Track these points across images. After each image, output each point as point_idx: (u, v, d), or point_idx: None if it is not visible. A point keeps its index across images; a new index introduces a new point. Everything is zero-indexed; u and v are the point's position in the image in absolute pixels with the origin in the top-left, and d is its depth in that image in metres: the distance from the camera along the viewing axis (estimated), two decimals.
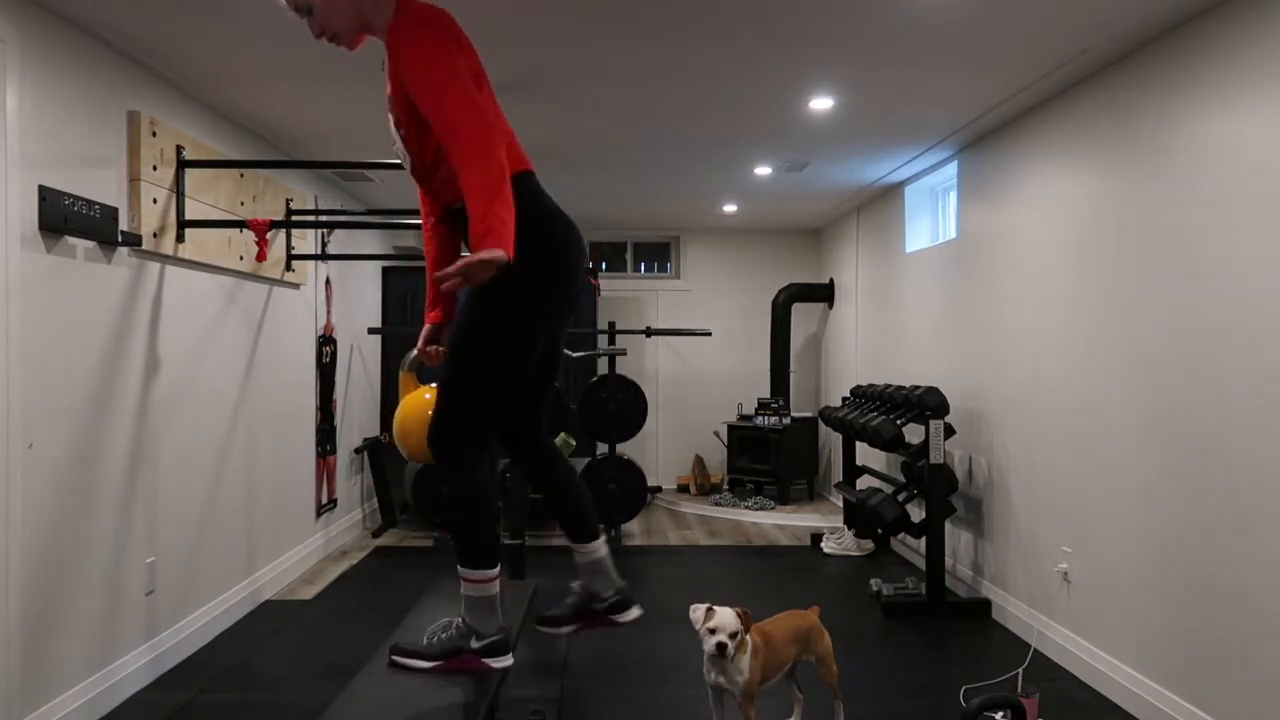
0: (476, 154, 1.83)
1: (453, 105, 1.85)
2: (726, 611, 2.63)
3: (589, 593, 2.31)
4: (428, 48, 1.89)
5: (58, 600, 3.01)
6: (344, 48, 2.06)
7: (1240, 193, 2.80)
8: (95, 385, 3.21)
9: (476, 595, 2.13)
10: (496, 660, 2.17)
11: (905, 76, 3.70)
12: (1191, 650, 3.01)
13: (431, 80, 1.86)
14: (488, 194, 1.82)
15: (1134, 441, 3.32)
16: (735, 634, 2.61)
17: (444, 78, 1.86)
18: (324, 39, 2.03)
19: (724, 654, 2.59)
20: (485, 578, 2.11)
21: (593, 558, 2.28)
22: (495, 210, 1.82)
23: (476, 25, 3.16)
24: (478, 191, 1.82)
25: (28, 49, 2.84)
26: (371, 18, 2.00)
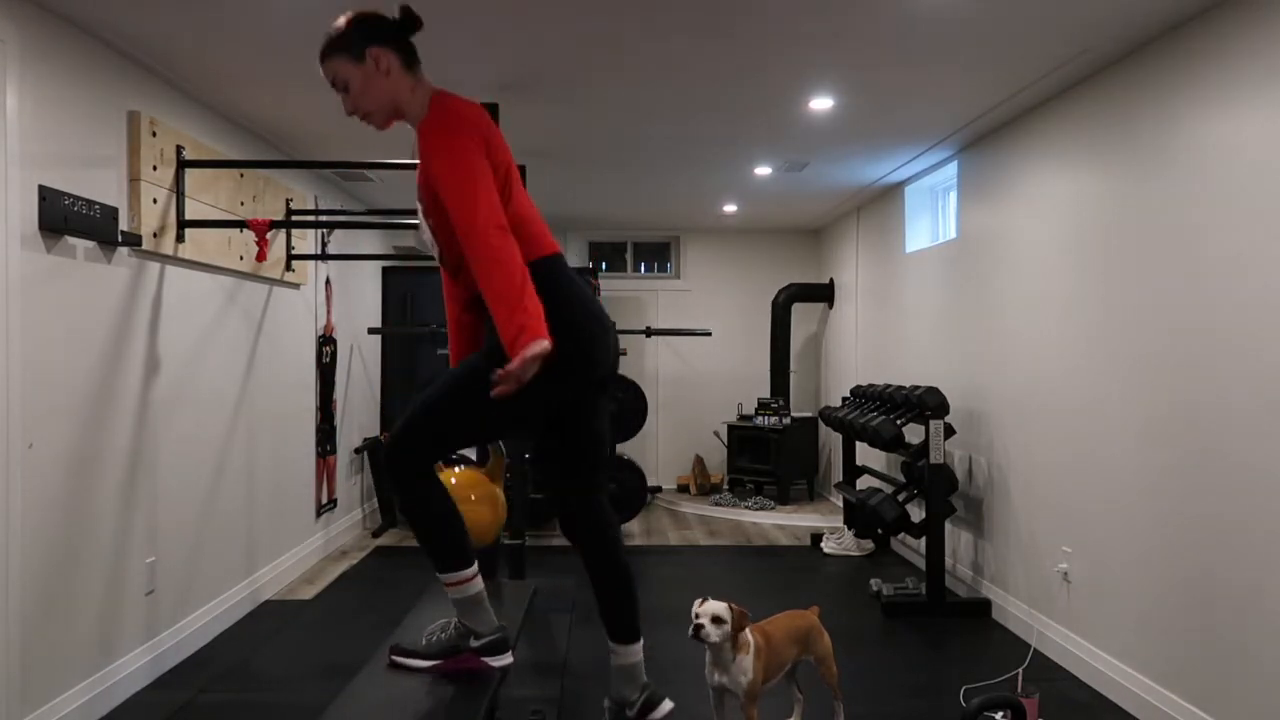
0: (494, 261, 1.86)
1: (472, 213, 1.88)
2: (717, 602, 2.64)
3: (619, 703, 2.30)
4: (454, 152, 1.93)
5: (58, 600, 3.01)
6: (374, 126, 2.11)
7: (1240, 192, 2.80)
8: (95, 385, 3.21)
9: (461, 596, 2.14)
10: (496, 658, 2.17)
11: (905, 76, 3.70)
12: (1191, 650, 3.01)
13: (453, 185, 1.91)
14: (509, 301, 1.85)
15: (1134, 441, 3.32)
16: (718, 619, 2.61)
17: (464, 182, 1.90)
18: (355, 117, 2.09)
19: (699, 636, 2.60)
20: (462, 578, 2.12)
21: (627, 661, 2.28)
22: (523, 311, 1.85)
23: (477, 25, 3.16)
24: (500, 300, 1.86)
25: (28, 49, 2.84)
26: (405, 107, 2.07)
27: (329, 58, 2.04)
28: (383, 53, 2.02)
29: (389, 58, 2.02)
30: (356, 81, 2.03)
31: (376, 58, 2.01)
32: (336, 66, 2.03)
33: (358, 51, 2.01)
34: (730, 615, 2.62)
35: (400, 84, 2.04)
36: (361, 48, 2.01)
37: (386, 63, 2.02)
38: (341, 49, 2.02)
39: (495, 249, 1.86)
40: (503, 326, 1.85)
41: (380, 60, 2.02)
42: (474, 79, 3.74)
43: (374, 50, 2.01)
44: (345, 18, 2.04)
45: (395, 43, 2.04)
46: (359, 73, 2.02)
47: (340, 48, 2.02)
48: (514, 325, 1.84)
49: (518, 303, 1.85)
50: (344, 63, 2.02)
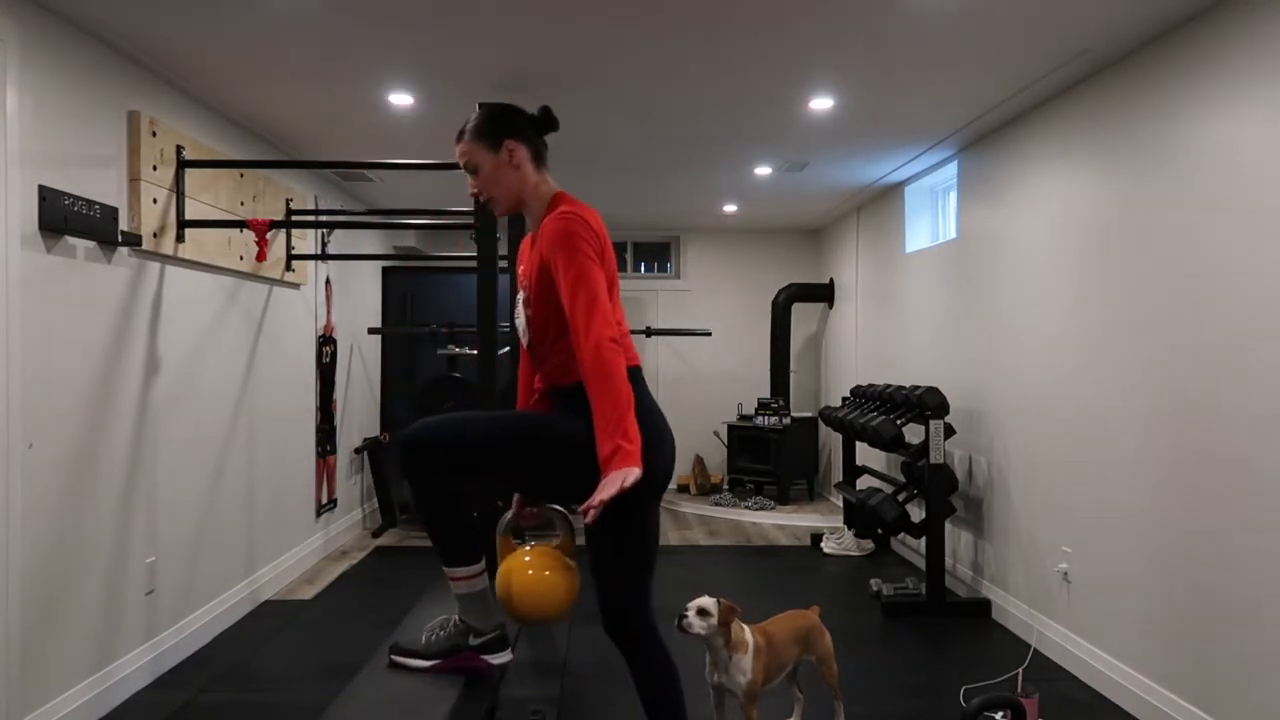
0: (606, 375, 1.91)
1: (590, 322, 1.93)
2: (707, 597, 2.65)
3: None
4: (581, 259, 1.99)
5: (58, 600, 3.01)
6: (495, 211, 2.19)
7: (1240, 192, 2.80)
8: (95, 385, 3.21)
9: (466, 592, 2.14)
10: (495, 656, 2.18)
11: (905, 76, 3.70)
12: (1191, 650, 3.01)
13: (578, 291, 1.96)
14: (613, 419, 1.89)
15: (1134, 441, 3.32)
16: (703, 611, 2.61)
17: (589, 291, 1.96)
18: (479, 198, 2.16)
19: (682, 627, 2.60)
20: (469, 573, 2.12)
21: None
22: (624, 435, 1.89)
23: (477, 25, 3.16)
24: (604, 415, 1.90)
25: (28, 49, 2.84)
26: (528, 200, 2.16)
27: (467, 140, 2.12)
28: (518, 146, 2.11)
29: (522, 152, 2.11)
30: (488, 168, 2.11)
31: (512, 150, 2.10)
32: (472, 150, 2.11)
33: (495, 141, 2.10)
34: (717, 609, 2.61)
35: (528, 178, 2.13)
36: (500, 138, 2.10)
37: (520, 156, 2.11)
38: (480, 136, 2.11)
39: (608, 363, 1.92)
40: (602, 442, 1.89)
41: (515, 153, 2.11)
42: (475, 79, 3.74)
43: (510, 143, 2.10)
44: (488, 106, 2.14)
45: (530, 138, 2.13)
46: (492, 161, 2.11)
47: (479, 134, 2.11)
48: (612, 444, 1.88)
49: (619, 423, 1.89)
50: (480, 148, 2.11)
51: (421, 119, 4.35)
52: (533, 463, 2.07)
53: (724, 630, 2.64)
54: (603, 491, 1.84)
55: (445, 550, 2.10)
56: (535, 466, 2.07)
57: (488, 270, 3.35)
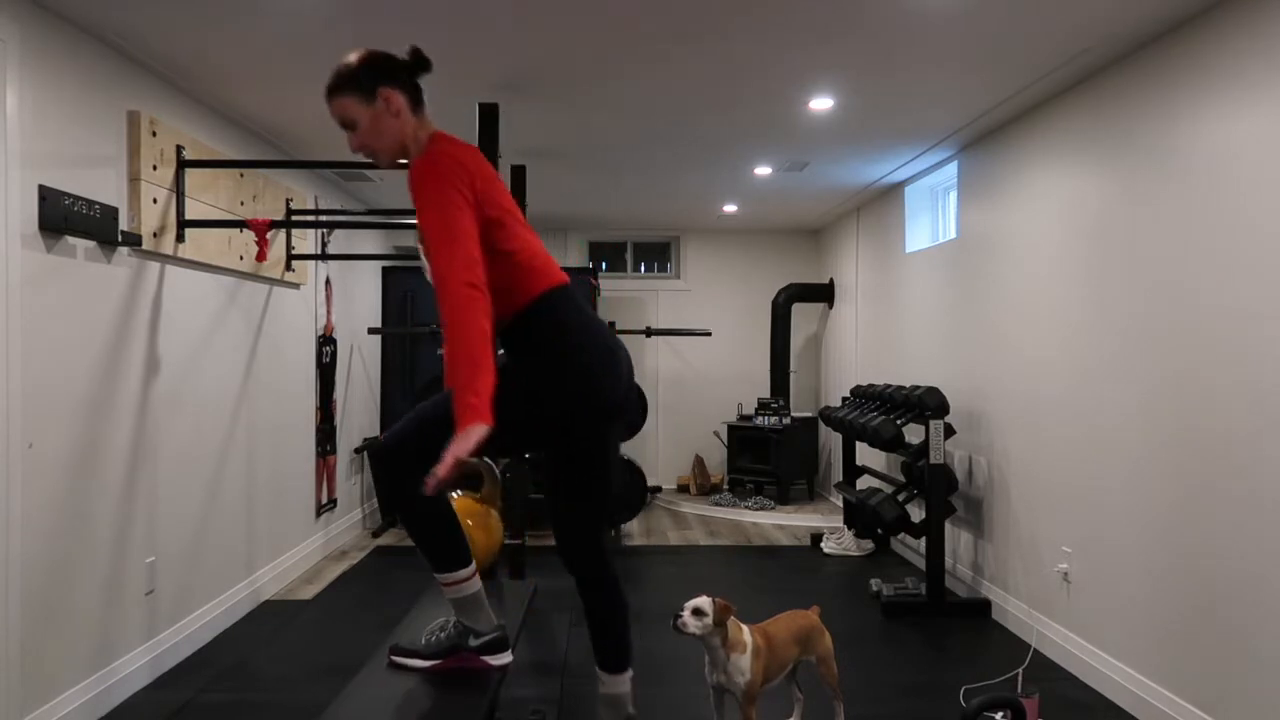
0: (457, 322, 1.83)
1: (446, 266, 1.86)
2: (704, 597, 2.67)
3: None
4: (437, 201, 1.91)
5: (58, 600, 3.01)
6: (378, 164, 2.12)
7: (1240, 193, 2.80)
8: (95, 385, 3.21)
9: (459, 596, 2.14)
10: (495, 657, 2.18)
11: (905, 76, 3.70)
12: (1191, 650, 3.01)
13: (432, 234, 1.90)
14: (463, 373, 1.81)
15: (1134, 442, 3.32)
16: (698, 611, 2.62)
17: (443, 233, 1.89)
18: (361, 153, 2.08)
19: (677, 626, 2.61)
20: (459, 578, 2.12)
21: (615, 690, 2.29)
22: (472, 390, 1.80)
23: (477, 26, 3.16)
24: (454, 367, 1.82)
25: (28, 49, 2.84)
26: (410, 144, 2.06)
27: (338, 94, 2.02)
28: (394, 93, 2.02)
29: (399, 99, 2.02)
30: (365, 120, 2.02)
31: (388, 98, 2.01)
32: (347, 105, 2.02)
33: (369, 91, 2.00)
34: (712, 609, 2.62)
35: (407, 124, 2.04)
36: (373, 87, 2.01)
37: (397, 103, 2.02)
38: (352, 88, 2.01)
39: (460, 309, 1.83)
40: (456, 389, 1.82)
41: (391, 101, 2.02)
42: (474, 79, 3.74)
43: (385, 90, 2.01)
44: (357, 56, 2.03)
45: (405, 83, 2.04)
46: (369, 113, 2.02)
47: (351, 86, 2.01)
48: (463, 400, 1.80)
49: (469, 380, 1.81)
50: (353, 101, 2.01)
51: None
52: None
53: (720, 630, 2.64)
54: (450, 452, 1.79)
55: (434, 557, 2.10)
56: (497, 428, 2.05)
57: None
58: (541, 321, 2.02)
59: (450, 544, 2.10)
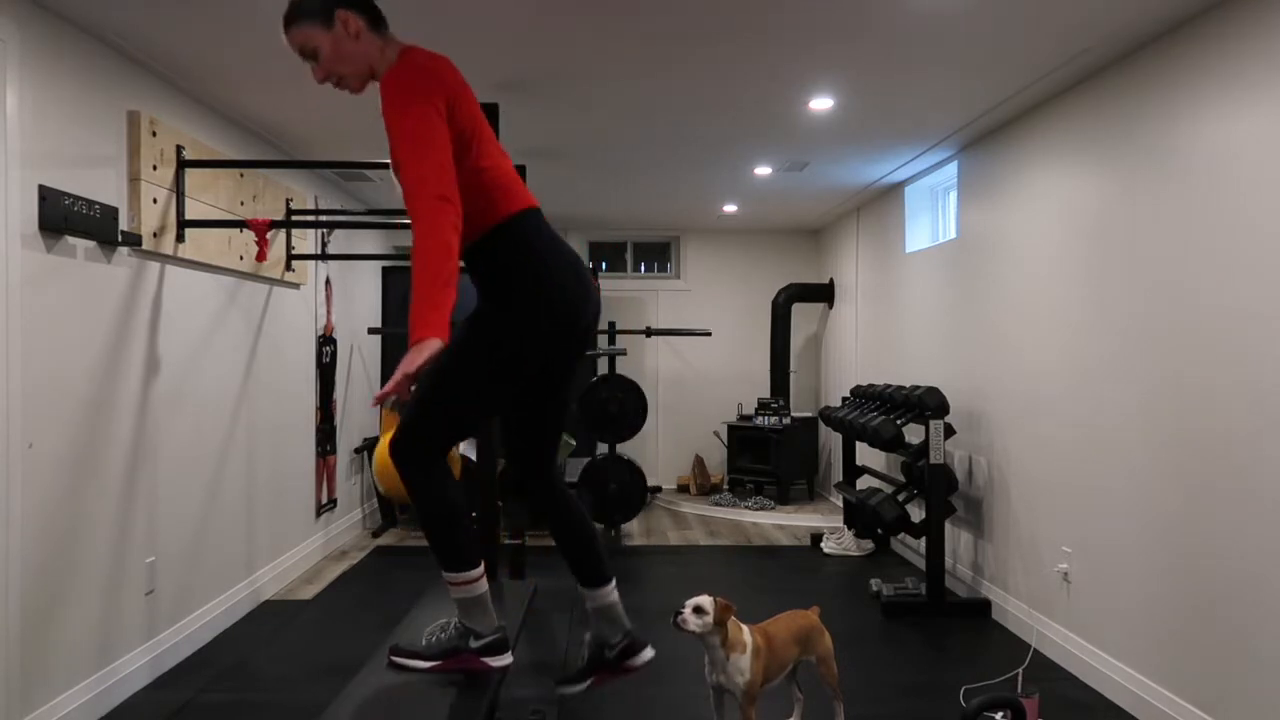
0: (424, 234, 1.80)
1: (417, 177, 1.82)
2: (705, 596, 2.67)
3: (599, 642, 2.31)
4: (408, 111, 1.88)
5: (58, 600, 3.01)
6: (349, 92, 2.08)
7: (1240, 193, 2.80)
8: (95, 385, 3.21)
9: (464, 596, 2.14)
10: (495, 659, 2.17)
11: (905, 76, 3.70)
12: (1191, 650, 3.01)
13: (402, 145, 1.86)
14: (426, 285, 1.78)
15: (1134, 442, 3.32)
16: (699, 609, 2.62)
17: (413, 144, 1.85)
18: (328, 84, 2.05)
19: (677, 624, 2.62)
20: (468, 579, 2.11)
21: (603, 603, 2.28)
22: (432, 295, 1.78)
23: (477, 26, 3.16)
24: (419, 279, 1.79)
25: (28, 49, 2.84)
26: (377, 65, 2.02)
27: (295, 24, 1.99)
28: (350, 15, 1.98)
29: (356, 20, 1.98)
30: (326, 47, 1.99)
31: (345, 20, 1.97)
32: (305, 33, 1.98)
33: (325, 16, 1.97)
34: (713, 607, 2.62)
35: (370, 45, 2.01)
36: (330, 12, 1.97)
37: (355, 25, 1.99)
38: (308, 15, 1.97)
39: (428, 219, 1.80)
40: (415, 298, 1.80)
41: (349, 23, 1.97)
42: (474, 79, 3.74)
43: (341, 13, 1.97)
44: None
45: (361, 4, 2.01)
46: (328, 38, 1.98)
47: (307, 14, 1.97)
48: (420, 307, 1.79)
49: (428, 293, 1.78)
50: (312, 29, 1.97)
51: None
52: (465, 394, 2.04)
53: (720, 630, 2.64)
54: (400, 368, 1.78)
55: (444, 555, 2.10)
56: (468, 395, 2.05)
57: None
58: (511, 243, 1.99)
59: (463, 543, 2.10)
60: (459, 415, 2.08)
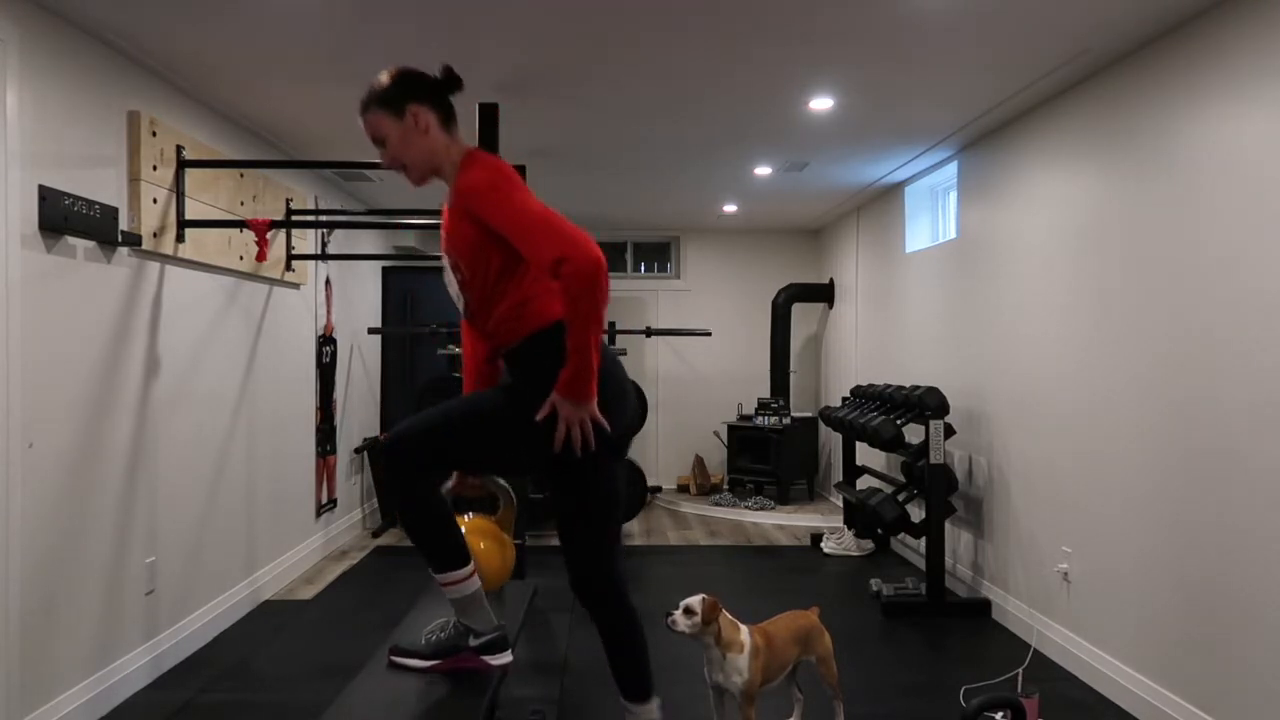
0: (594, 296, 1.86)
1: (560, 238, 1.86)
2: (695, 596, 2.68)
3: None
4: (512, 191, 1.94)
5: (58, 600, 3.01)
6: (409, 181, 2.14)
7: (1240, 192, 2.80)
8: (95, 385, 3.21)
9: (459, 596, 2.14)
10: (495, 657, 2.18)
11: (905, 76, 3.70)
12: (1191, 650, 3.01)
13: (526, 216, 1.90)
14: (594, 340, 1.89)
15: (1134, 441, 3.32)
16: (688, 610, 2.63)
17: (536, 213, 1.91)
18: (394, 169, 2.12)
19: (667, 623, 2.63)
20: (458, 578, 2.12)
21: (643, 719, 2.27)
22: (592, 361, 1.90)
23: (477, 26, 3.16)
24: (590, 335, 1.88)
25: (28, 49, 2.84)
26: (441, 161, 2.09)
27: (370, 111, 2.07)
28: (422, 110, 2.05)
29: (428, 115, 2.06)
30: (395, 136, 2.06)
31: (416, 114, 2.05)
32: (376, 120, 2.06)
33: (398, 108, 2.04)
34: (701, 607, 2.62)
35: (437, 141, 2.08)
36: (402, 104, 2.04)
37: (425, 120, 2.06)
38: (382, 104, 2.05)
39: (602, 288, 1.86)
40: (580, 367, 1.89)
41: (420, 117, 2.05)
42: (475, 79, 3.74)
43: (414, 107, 2.05)
44: (388, 73, 2.07)
45: (435, 101, 2.08)
46: (398, 129, 2.05)
47: (381, 102, 2.05)
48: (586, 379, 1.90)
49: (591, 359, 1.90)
50: (384, 117, 2.05)
51: None
52: (501, 439, 2.05)
53: (711, 629, 2.64)
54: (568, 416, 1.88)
55: (433, 556, 2.09)
56: (504, 441, 2.05)
57: None
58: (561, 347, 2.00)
59: (451, 542, 2.10)
60: (464, 454, 2.08)
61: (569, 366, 1.90)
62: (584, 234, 1.88)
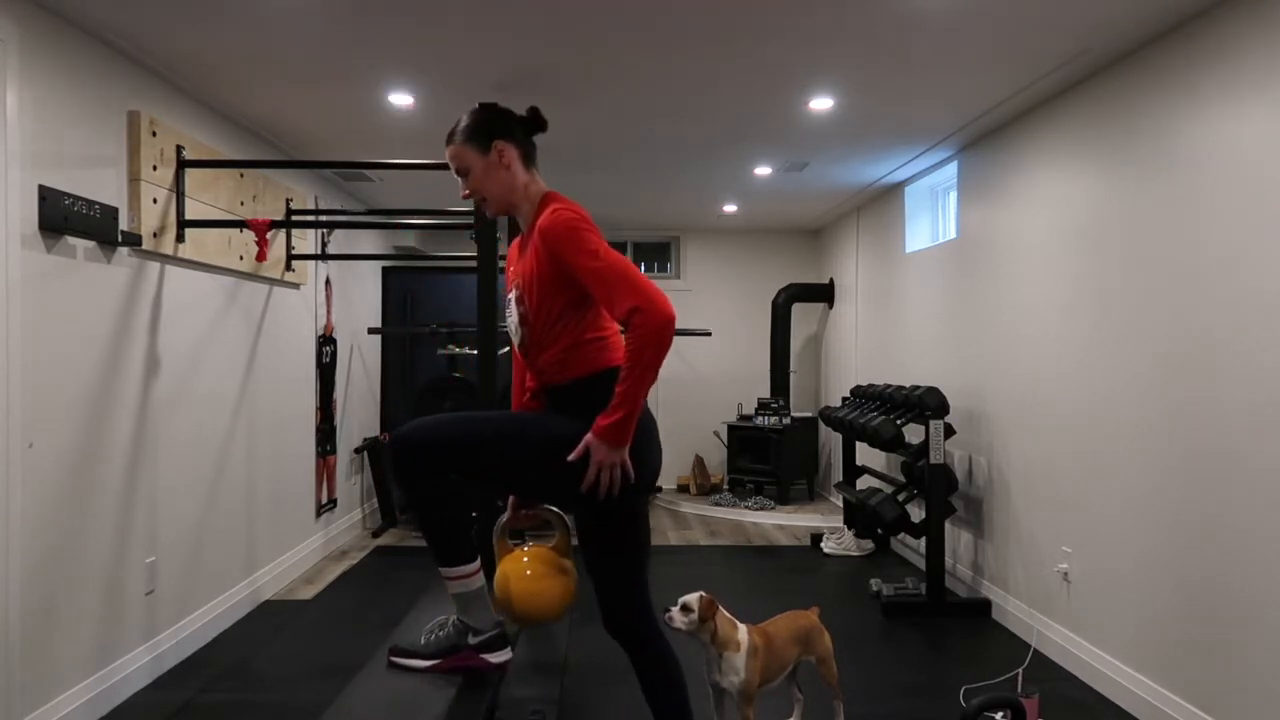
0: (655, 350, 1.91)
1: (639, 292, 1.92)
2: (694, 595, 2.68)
3: None
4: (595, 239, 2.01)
5: (58, 600, 3.01)
6: (487, 212, 2.20)
7: (1240, 192, 2.80)
8: (95, 385, 3.21)
9: (462, 591, 2.14)
10: (495, 655, 2.18)
11: (905, 76, 3.70)
12: (1191, 650, 3.01)
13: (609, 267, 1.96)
14: (643, 390, 1.94)
15: (1134, 441, 3.32)
16: (685, 607, 2.63)
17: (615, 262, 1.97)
18: (472, 199, 2.18)
19: (664, 618, 2.62)
20: (465, 572, 2.12)
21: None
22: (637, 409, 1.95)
23: (477, 25, 3.16)
24: (641, 383, 1.93)
25: (28, 49, 2.84)
26: (519, 202, 2.16)
27: (455, 142, 2.13)
28: (507, 147, 2.12)
29: (512, 152, 2.12)
30: (478, 169, 2.12)
31: (501, 151, 2.11)
32: (462, 153, 2.13)
33: (485, 142, 2.11)
34: (698, 605, 2.63)
35: (518, 178, 2.14)
36: (489, 139, 2.11)
37: (509, 157, 2.12)
38: (470, 137, 2.12)
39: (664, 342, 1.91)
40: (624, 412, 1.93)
41: (504, 154, 2.11)
42: (475, 79, 3.74)
43: (500, 144, 2.11)
44: (477, 108, 2.15)
45: (519, 139, 2.14)
46: (482, 162, 2.12)
47: (469, 136, 2.12)
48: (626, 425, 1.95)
49: (637, 408, 1.95)
50: (470, 150, 2.12)
51: (421, 119, 4.35)
52: (524, 463, 2.06)
53: (708, 627, 2.65)
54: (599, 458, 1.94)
55: (440, 550, 2.10)
56: (527, 467, 2.07)
57: (488, 270, 3.36)
58: (606, 394, 2.02)
59: (458, 537, 2.11)
60: (486, 467, 2.08)
61: (614, 411, 1.94)
62: (659, 289, 1.94)
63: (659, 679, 2.22)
